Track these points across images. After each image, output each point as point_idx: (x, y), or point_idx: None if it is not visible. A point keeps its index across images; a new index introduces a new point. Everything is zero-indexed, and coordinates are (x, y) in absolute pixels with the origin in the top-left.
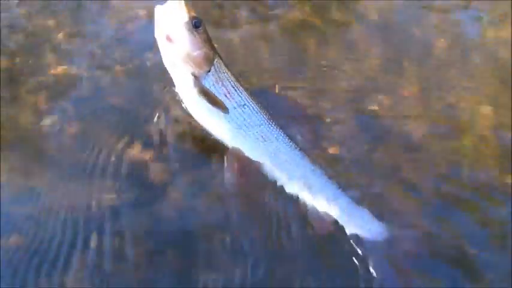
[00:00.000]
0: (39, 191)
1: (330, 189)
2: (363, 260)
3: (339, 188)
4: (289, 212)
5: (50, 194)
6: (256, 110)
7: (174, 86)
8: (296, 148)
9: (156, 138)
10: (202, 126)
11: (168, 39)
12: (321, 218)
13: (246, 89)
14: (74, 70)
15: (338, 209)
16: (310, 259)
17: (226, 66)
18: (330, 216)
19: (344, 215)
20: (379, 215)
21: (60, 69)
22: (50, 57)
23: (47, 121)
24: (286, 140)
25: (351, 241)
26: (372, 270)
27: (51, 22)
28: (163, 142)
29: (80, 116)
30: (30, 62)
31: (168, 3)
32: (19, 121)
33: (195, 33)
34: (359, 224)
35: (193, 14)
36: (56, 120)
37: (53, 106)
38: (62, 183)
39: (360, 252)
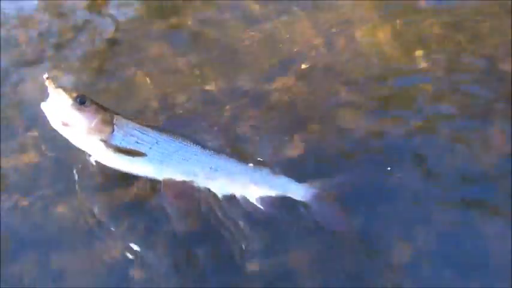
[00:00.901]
0: None
1: (256, 175)
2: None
3: (264, 170)
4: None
5: None
6: (169, 139)
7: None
8: (215, 154)
9: None
10: (131, 175)
11: (65, 124)
12: (261, 202)
13: (154, 127)
14: None
15: (271, 189)
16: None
17: (127, 118)
18: (267, 197)
19: (279, 190)
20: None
21: None
22: None
23: None
24: (205, 151)
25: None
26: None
27: None
28: None
29: None
30: None
31: (49, 98)
32: None
33: (84, 108)
34: (290, 191)
35: (74, 94)
36: None
37: None
38: None
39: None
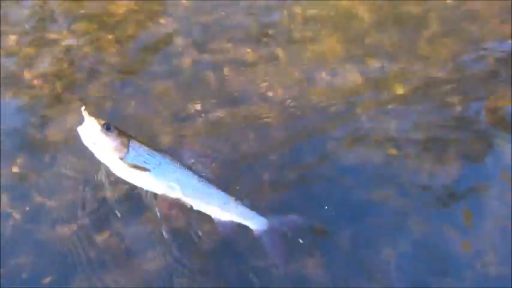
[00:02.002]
0: None
1: (225, 201)
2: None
3: (231, 198)
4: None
5: None
6: (168, 162)
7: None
8: (201, 180)
9: None
10: (136, 186)
11: (94, 143)
12: (224, 223)
13: (159, 151)
14: None
15: (234, 215)
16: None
17: (140, 142)
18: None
19: (240, 217)
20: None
21: None
22: None
23: None
24: (195, 176)
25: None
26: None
27: None
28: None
29: None
30: None
31: (84, 123)
32: None
33: (109, 133)
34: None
35: (102, 122)
36: None
37: None
38: None
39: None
